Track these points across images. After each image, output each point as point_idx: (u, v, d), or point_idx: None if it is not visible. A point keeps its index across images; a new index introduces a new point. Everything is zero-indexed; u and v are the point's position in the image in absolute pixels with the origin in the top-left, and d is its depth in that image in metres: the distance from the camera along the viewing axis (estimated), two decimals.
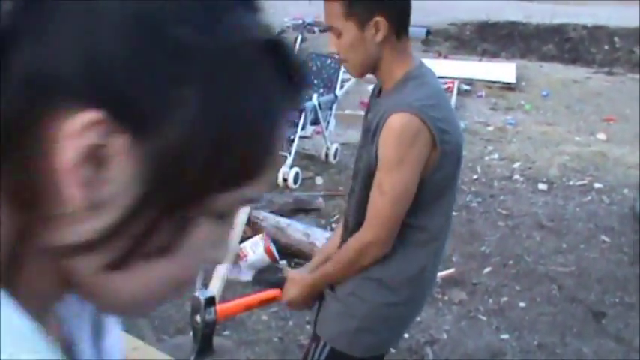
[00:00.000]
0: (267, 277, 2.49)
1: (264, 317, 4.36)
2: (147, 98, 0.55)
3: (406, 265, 2.21)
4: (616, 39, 15.73)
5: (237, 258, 4.80)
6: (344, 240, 2.31)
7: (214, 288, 4.33)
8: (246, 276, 4.86)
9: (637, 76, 12.88)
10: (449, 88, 10.87)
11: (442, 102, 2.12)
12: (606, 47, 15.49)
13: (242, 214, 4.98)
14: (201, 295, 2.49)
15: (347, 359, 2.29)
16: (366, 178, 2.14)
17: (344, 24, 2.08)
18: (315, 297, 2.39)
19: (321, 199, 6.07)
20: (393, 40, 2.10)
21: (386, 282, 2.21)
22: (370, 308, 2.23)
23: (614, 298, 4.76)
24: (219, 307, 2.51)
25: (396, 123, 2.00)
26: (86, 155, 0.54)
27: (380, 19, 2.05)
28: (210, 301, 2.47)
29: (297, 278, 2.36)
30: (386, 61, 2.13)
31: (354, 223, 2.25)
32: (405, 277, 2.22)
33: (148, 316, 4.23)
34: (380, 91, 2.25)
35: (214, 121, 0.56)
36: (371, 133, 2.11)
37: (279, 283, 2.45)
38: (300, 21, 12.55)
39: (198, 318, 2.45)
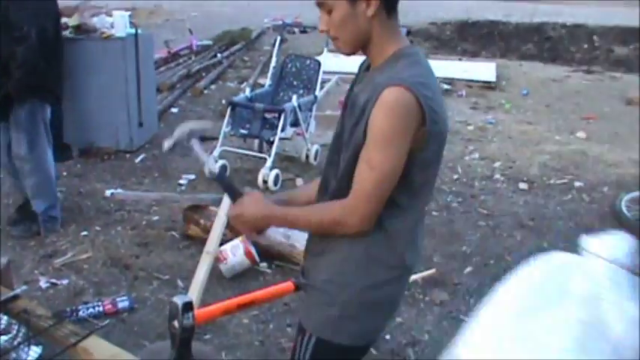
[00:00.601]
0: (229, 183, 2.39)
1: (245, 321, 4.34)
2: None
3: (386, 247, 2.18)
4: (595, 38, 15.84)
5: (218, 260, 4.78)
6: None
7: (194, 292, 4.31)
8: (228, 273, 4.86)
9: (616, 74, 12.97)
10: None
11: (433, 83, 2.10)
12: (585, 46, 15.60)
13: (221, 217, 4.96)
14: (178, 300, 2.46)
15: (334, 348, 2.26)
16: (356, 150, 2.10)
17: (335, 0, 2.08)
18: (263, 226, 2.31)
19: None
20: (383, 16, 2.10)
21: (365, 266, 2.19)
22: (350, 294, 2.20)
23: None
24: (198, 312, 2.49)
25: (390, 96, 1.98)
26: None
27: None
28: (188, 307, 2.44)
29: (259, 202, 2.27)
30: (376, 37, 2.12)
31: (336, 192, 2.20)
32: (385, 260, 2.20)
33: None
34: (368, 67, 2.23)
35: None
36: (360, 107, 2.09)
37: (237, 195, 2.36)
38: (280, 22, 12.57)
39: (176, 323, 2.42)
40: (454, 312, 4.55)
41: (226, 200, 5.05)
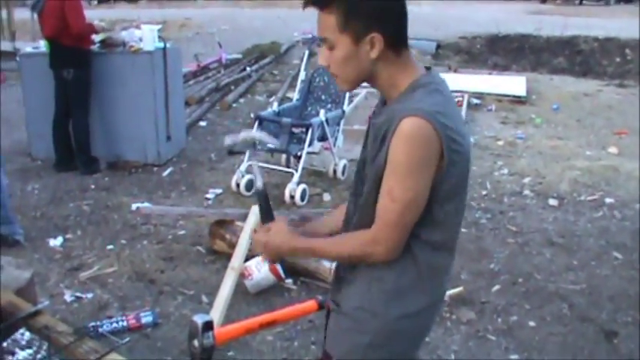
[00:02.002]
0: (265, 204, 2.37)
1: (269, 338, 4.30)
2: None
3: (418, 279, 2.15)
4: (627, 51, 15.66)
5: (242, 276, 4.75)
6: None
7: (218, 308, 4.29)
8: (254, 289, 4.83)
9: None
10: (459, 102, 10.82)
11: (452, 111, 2.06)
12: (617, 59, 15.44)
13: (247, 233, 4.93)
14: (198, 319, 2.44)
15: None
16: (377, 181, 2.07)
17: (338, 37, 2.03)
18: (287, 255, 2.28)
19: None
20: (390, 55, 2.05)
21: (396, 296, 2.15)
22: (382, 323, 2.16)
23: (627, 317, 4.66)
24: (218, 331, 2.47)
25: (408, 127, 1.95)
26: None
27: (376, 35, 2.00)
28: (208, 326, 2.42)
29: (285, 233, 2.23)
30: (384, 75, 2.08)
31: (357, 223, 2.18)
32: (416, 292, 2.16)
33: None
34: (385, 102, 2.19)
35: None
36: (380, 139, 2.05)
37: (269, 218, 2.34)
38: (310, 36, 12.57)
39: (195, 343, 2.40)
40: (481, 331, 4.47)
41: (252, 217, 5.04)
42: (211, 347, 2.39)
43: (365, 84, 2.16)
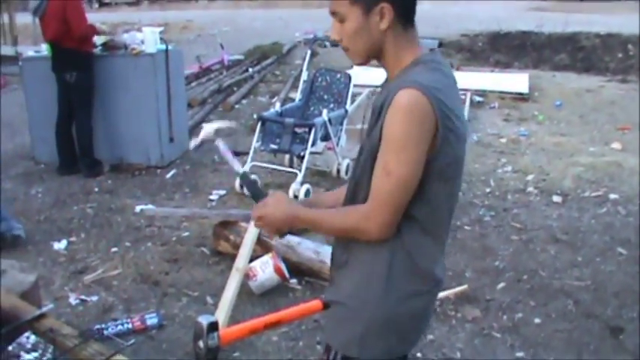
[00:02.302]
0: (254, 186, 2.35)
1: (275, 338, 4.30)
2: None
3: (409, 261, 2.13)
4: (629, 46, 15.63)
5: (247, 277, 4.75)
6: None
7: (223, 309, 4.29)
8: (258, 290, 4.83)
9: None
10: (461, 100, 10.80)
11: (450, 91, 2.05)
12: (620, 55, 15.40)
13: (251, 233, 4.93)
14: (203, 320, 2.43)
15: None
16: (371, 155, 2.06)
17: (349, 9, 2.04)
18: (285, 228, 2.27)
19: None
20: (398, 28, 2.06)
21: (387, 281, 2.13)
22: (374, 310, 2.15)
23: (632, 313, 4.65)
24: (223, 332, 2.46)
25: (404, 99, 1.94)
26: None
27: (385, 5, 2.01)
28: (213, 327, 2.41)
29: (283, 203, 2.22)
30: (391, 49, 2.09)
31: (352, 195, 2.19)
32: (408, 275, 2.14)
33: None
34: (386, 81, 2.20)
35: None
36: (377, 111, 2.06)
37: (261, 195, 2.32)
38: (312, 36, 12.56)
39: (200, 344, 2.40)
40: (487, 329, 4.46)
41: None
42: (216, 348, 2.38)
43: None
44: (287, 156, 7.37)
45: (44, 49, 7.77)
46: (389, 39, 2.07)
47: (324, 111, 7.01)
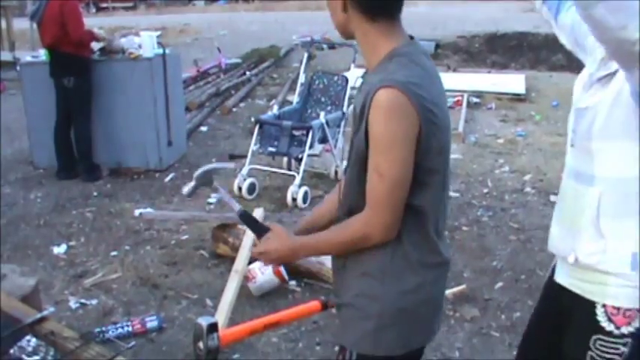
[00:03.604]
0: (254, 221, 2.37)
1: (274, 339, 4.32)
2: None
3: (408, 251, 2.13)
4: None
5: (246, 279, 4.77)
6: (338, 218, 2.25)
7: (222, 312, 4.31)
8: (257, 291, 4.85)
9: None
10: (458, 101, 10.85)
11: (428, 82, 2.04)
12: None
13: (250, 236, 4.95)
14: (203, 321, 2.46)
15: None
16: (358, 156, 2.08)
17: None
18: (291, 259, 2.32)
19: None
20: (362, 19, 2.08)
21: (391, 274, 2.13)
22: (383, 305, 2.15)
23: None
24: (223, 332, 2.48)
25: (384, 98, 1.95)
26: None
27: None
28: (213, 328, 2.44)
29: (282, 236, 2.24)
30: (362, 38, 2.11)
31: (346, 205, 2.19)
32: (411, 264, 2.14)
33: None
34: (366, 73, 2.21)
35: None
36: (359, 111, 2.07)
37: (262, 231, 2.35)
38: (309, 38, 12.59)
39: (201, 345, 2.42)
40: (485, 328, 4.48)
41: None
42: (216, 349, 2.41)
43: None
44: (285, 158, 7.39)
45: (42, 54, 7.79)
46: (355, 26, 2.10)
47: (322, 113, 7.04)
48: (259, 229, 2.34)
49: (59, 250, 5.74)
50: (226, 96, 11.58)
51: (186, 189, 2.58)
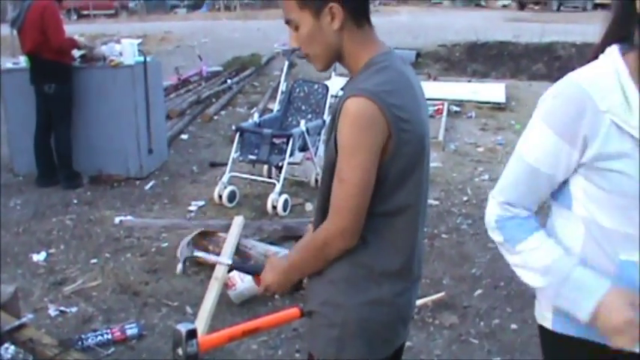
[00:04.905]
0: (246, 264, 2.40)
1: (254, 347, 4.33)
2: None
3: (371, 262, 2.13)
4: None
5: (226, 287, 4.77)
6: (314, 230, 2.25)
7: (202, 319, 4.31)
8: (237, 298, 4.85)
9: None
10: (439, 110, 10.90)
11: (402, 89, 2.05)
12: None
13: (230, 243, 4.97)
14: (182, 327, 2.46)
15: None
16: (328, 165, 2.09)
17: (300, 15, 2.06)
18: (289, 283, 2.33)
19: (310, 226, 6.02)
20: (351, 26, 2.07)
21: (354, 284, 2.14)
22: (345, 314, 2.15)
23: None
24: (202, 339, 2.48)
25: (352, 107, 1.96)
26: None
27: (334, 5, 2.03)
28: (192, 334, 2.44)
29: (275, 264, 2.30)
30: (348, 49, 2.10)
31: (318, 213, 2.20)
32: (376, 273, 2.14)
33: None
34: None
35: None
36: (330, 121, 2.10)
37: (259, 270, 2.38)
38: (290, 47, 12.60)
39: (180, 351, 2.42)
40: (464, 335, 4.51)
41: (234, 228, 5.08)
42: (195, 355, 2.41)
43: None
44: (265, 166, 7.41)
45: (22, 61, 7.77)
46: (345, 38, 2.08)
47: (302, 121, 7.06)
48: (256, 269, 2.39)
49: (39, 257, 5.72)
50: (207, 104, 11.57)
51: (179, 267, 2.64)
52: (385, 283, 2.16)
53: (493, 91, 12.37)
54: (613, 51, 1.90)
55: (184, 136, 9.79)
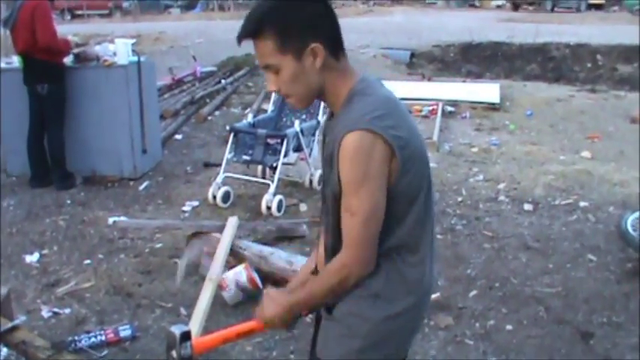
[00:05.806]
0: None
1: (249, 348, 4.31)
2: None
3: (399, 277, 2.17)
4: (598, 56, 15.84)
5: (220, 288, 4.75)
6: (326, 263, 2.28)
7: (196, 320, 4.29)
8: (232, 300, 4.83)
9: (620, 93, 12.95)
10: (433, 110, 10.90)
11: (391, 109, 2.07)
12: (589, 65, 15.61)
13: (224, 244, 4.95)
14: (176, 329, 2.44)
15: None
16: (333, 203, 2.13)
17: (281, 59, 2.06)
18: (291, 319, 2.33)
19: (304, 227, 6.02)
20: (331, 61, 2.09)
21: (383, 296, 2.17)
22: (372, 325, 2.19)
23: (602, 318, 4.71)
24: (196, 341, 2.47)
25: (350, 143, 1.98)
26: None
27: (316, 45, 2.03)
28: (186, 336, 2.42)
29: (276, 298, 2.28)
30: (330, 84, 2.11)
31: (330, 248, 2.24)
32: (401, 289, 2.19)
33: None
34: (332, 115, 2.22)
35: None
36: (328, 159, 2.10)
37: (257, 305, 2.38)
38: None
39: (174, 353, 2.40)
40: (459, 336, 4.50)
41: (229, 229, 5.07)
42: (189, 358, 2.39)
43: None
44: (260, 167, 7.39)
45: (15, 61, 7.73)
46: (326, 75, 2.10)
47: (297, 122, 7.04)
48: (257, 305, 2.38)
49: (32, 258, 5.70)
50: (201, 104, 11.55)
51: (179, 279, 2.60)
52: (410, 295, 2.21)
53: (487, 91, 12.38)
54: None
55: (178, 137, 9.77)
